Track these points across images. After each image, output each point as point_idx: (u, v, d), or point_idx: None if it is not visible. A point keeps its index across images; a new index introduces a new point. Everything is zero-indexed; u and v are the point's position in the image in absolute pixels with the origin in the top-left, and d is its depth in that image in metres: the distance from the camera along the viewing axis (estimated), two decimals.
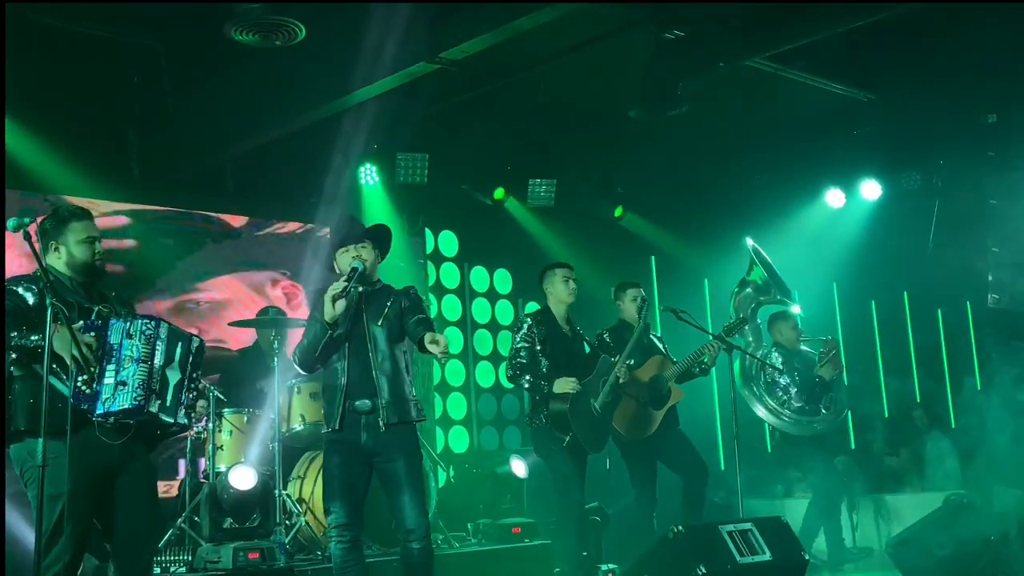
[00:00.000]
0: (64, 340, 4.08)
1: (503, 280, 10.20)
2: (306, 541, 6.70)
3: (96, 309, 4.34)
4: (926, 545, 6.23)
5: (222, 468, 6.60)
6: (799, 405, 7.41)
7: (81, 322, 4.23)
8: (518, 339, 6.27)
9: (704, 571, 5.02)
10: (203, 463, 6.77)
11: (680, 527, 5.26)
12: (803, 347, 7.67)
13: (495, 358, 9.92)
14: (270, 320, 7.01)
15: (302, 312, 8.65)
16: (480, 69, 7.24)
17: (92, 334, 4.20)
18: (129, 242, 8.01)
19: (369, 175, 8.89)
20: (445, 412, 9.53)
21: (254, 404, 6.96)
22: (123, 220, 7.98)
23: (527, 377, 6.13)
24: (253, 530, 6.65)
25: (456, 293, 9.88)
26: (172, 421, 4.34)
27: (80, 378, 4.13)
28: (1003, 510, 7.34)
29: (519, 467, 8.06)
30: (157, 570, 5.82)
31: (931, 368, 10.88)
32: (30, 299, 4.25)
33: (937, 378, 10.71)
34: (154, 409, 4.23)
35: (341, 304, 4.80)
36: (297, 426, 6.91)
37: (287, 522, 6.51)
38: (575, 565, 6.14)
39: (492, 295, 10.15)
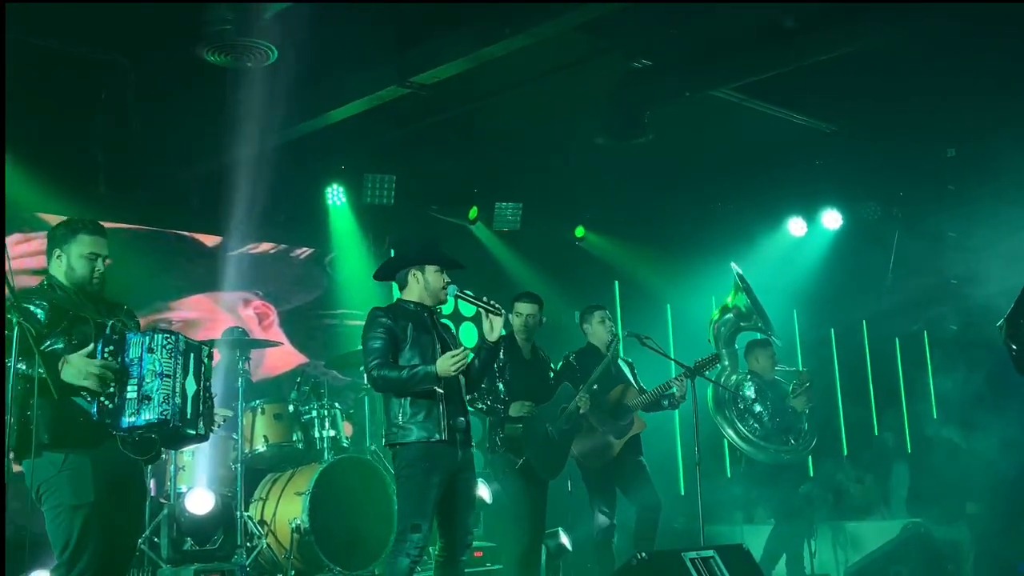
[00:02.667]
0: (77, 369, 4.03)
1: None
2: (267, 564, 6.67)
3: (110, 324, 4.24)
4: (883, 574, 6.31)
5: (183, 489, 6.56)
6: (769, 434, 7.48)
7: (92, 345, 4.14)
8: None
9: None
10: (165, 483, 6.72)
11: (644, 554, 5.27)
12: (777, 377, 7.75)
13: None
14: (235, 340, 6.99)
15: (274, 332, 8.63)
16: (450, 93, 7.29)
17: (111, 348, 4.13)
18: None
19: (336, 195, 8.89)
20: None
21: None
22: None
23: (486, 400, 6.18)
24: (214, 552, 6.60)
25: None
26: (194, 433, 4.31)
27: (103, 395, 4.09)
28: (959, 539, 7.46)
29: (482, 492, 8.06)
30: None
31: (889, 396, 11.04)
32: (40, 315, 4.18)
33: (895, 406, 10.86)
34: (178, 423, 4.18)
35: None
36: (260, 447, 6.89)
37: (248, 544, 6.48)
38: None
39: (456, 317, 10.17)
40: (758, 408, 7.50)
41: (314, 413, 7.05)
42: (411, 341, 5.04)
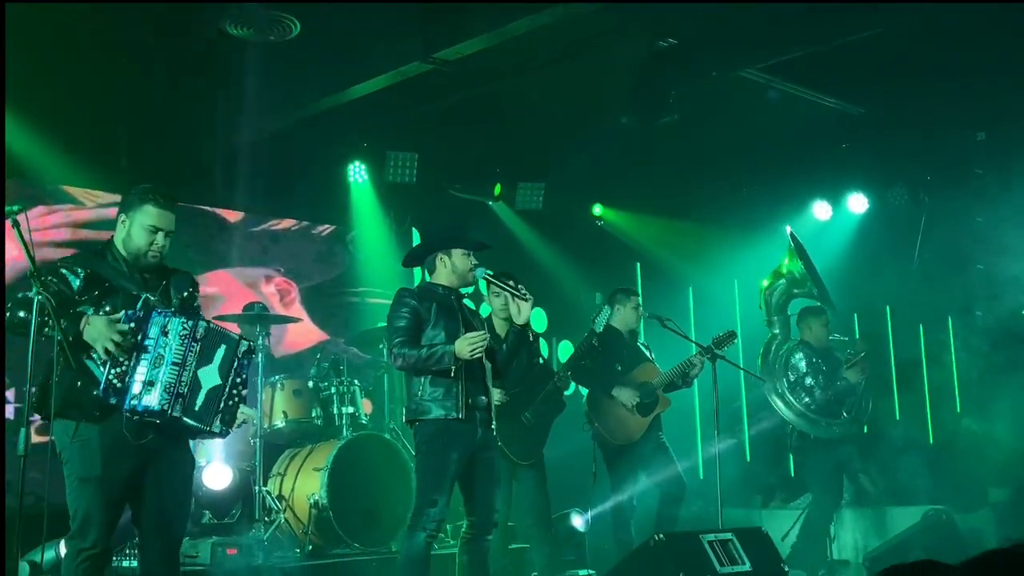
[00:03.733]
0: (97, 331, 3.99)
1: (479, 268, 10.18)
2: (285, 538, 6.68)
3: (144, 297, 4.18)
4: (902, 560, 6.25)
5: (202, 463, 6.57)
6: (821, 406, 7.25)
7: (122, 312, 4.09)
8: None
9: None
10: None
11: (661, 535, 5.26)
12: (832, 347, 7.49)
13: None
14: (255, 316, 6.98)
15: (295, 309, 8.63)
16: (474, 70, 7.24)
17: (132, 325, 4.05)
18: None
19: (358, 173, 8.87)
20: None
21: None
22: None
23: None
24: (232, 526, 6.63)
25: None
26: (201, 427, 4.18)
27: (113, 370, 4.02)
28: (981, 526, 7.39)
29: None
30: (134, 563, 5.79)
31: (911, 383, 10.93)
32: (75, 283, 4.14)
33: (917, 393, 10.75)
34: (177, 413, 4.07)
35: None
36: (279, 423, 6.89)
37: (266, 519, 6.50)
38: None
39: (476, 297, 10.14)
40: (809, 380, 7.26)
41: (333, 390, 7.04)
42: (434, 322, 5.07)
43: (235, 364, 4.26)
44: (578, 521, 7.68)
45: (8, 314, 4.09)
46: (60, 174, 7.41)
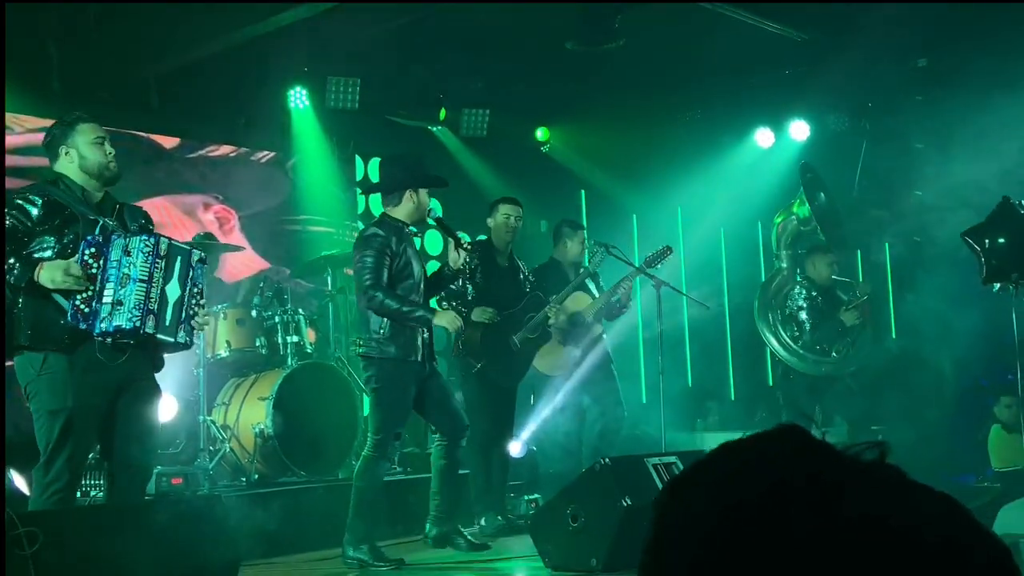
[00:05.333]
0: (50, 276, 3.95)
1: (433, 209, 10.11)
2: (230, 468, 6.67)
3: (101, 223, 4.16)
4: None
5: None
6: (811, 343, 7.26)
7: (82, 241, 4.08)
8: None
9: (629, 503, 5.10)
10: None
11: (607, 459, 5.33)
12: (836, 287, 7.48)
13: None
14: (199, 244, 6.85)
15: (235, 237, 8.50)
16: None
17: (92, 251, 4.04)
18: None
19: (299, 98, 8.69)
20: None
21: None
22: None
23: (452, 303, 6.19)
24: (176, 456, 6.59)
25: None
26: (172, 340, 4.23)
27: (79, 296, 4.00)
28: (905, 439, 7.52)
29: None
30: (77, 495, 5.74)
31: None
32: (34, 212, 4.08)
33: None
34: (150, 329, 4.09)
35: None
36: (222, 352, 6.83)
37: (211, 448, 6.47)
38: (479, 492, 6.30)
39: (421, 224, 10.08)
40: (803, 316, 7.25)
41: (277, 319, 6.99)
42: (403, 259, 5.32)
43: (191, 274, 4.31)
44: (515, 447, 7.78)
45: None
46: None
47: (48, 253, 4.05)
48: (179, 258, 4.26)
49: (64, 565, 3.53)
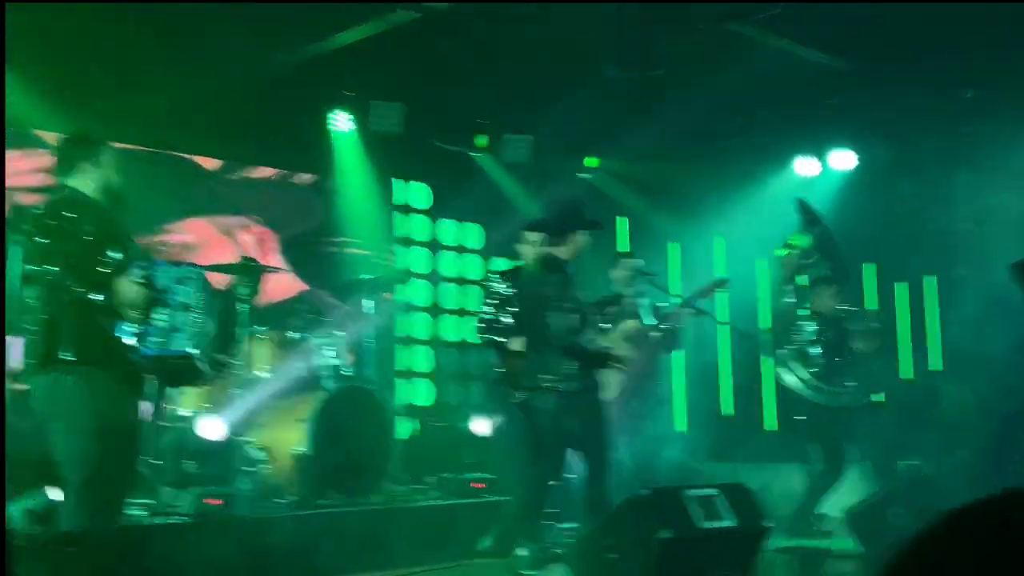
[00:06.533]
0: (125, 288, 4.06)
1: (472, 234, 10.14)
2: (267, 490, 6.66)
3: (137, 247, 4.33)
4: (881, 515, 6.32)
5: (185, 412, 6.54)
6: (825, 374, 7.21)
7: (134, 265, 4.16)
8: (487, 296, 6.27)
9: (666, 535, 5.04)
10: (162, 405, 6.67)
11: (646, 490, 5.27)
12: (842, 317, 7.42)
13: (461, 313, 9.88)
14: (244, 267, 6.89)
15: (273, 259, 8.55)
16: (461, 17, 7.12)
17: (144, 273, 4.13)
18: None
19: (341, 122, 8.75)
20: (409, 365, 9.51)
21: None
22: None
23: (492, 334, 6.15)
24: (214, 476, 6.59)
25: (425, 245, 9.82)
26: (205, 369, 4.34)
27: (133, 316, 4.09)
28: (955, 483, 7.44)
29: (480, 425, 8.04)
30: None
31: (890, 342, 10.96)
32: (91, 231, 4.16)
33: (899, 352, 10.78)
34: (198, 355, 4.22)
35: None
36: (262, 373, 6.84)
37: (249, 470, 6.47)
38: (522, 521, 6.22)
39: (460, 249, 10.09)
40: (815, 349, 7.21)
41: (316, 341, 6.99)
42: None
43: (231, 314, 4.62)
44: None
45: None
46: (34, 118, 7.25)
47: None
48: (221, 297, 4.54)
49: None
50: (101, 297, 4.04)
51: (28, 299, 4.09)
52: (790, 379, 7.33)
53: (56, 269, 3.99)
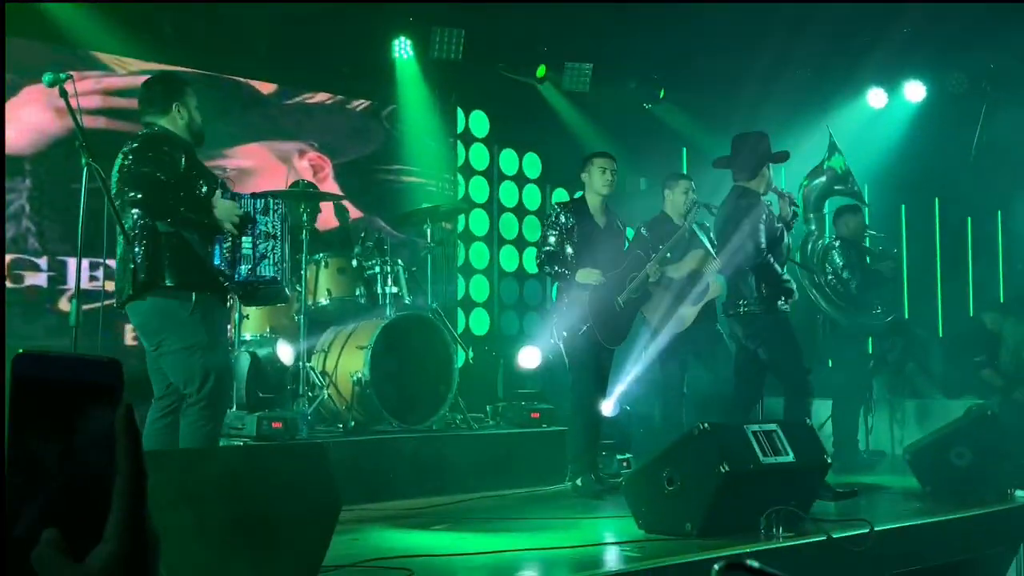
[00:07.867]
0: (224, 211, 4.33)
1: (532, 164, 10.05)
2: (327, 414, 6.74)
3: (221, 180, 4.55)
4: (944, 454, 6.22)
5: (247, 336, 6.61)
6: (854, 297, 7.59)
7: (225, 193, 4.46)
8: (548, 227, 6.23)
9: (727, 469, 5.02)
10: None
11: (706, 424, 5.23)
12: (866, 242, 7.90)
13: (520, 242, 9.85)
14: (301, 192, 6.91)
15: (329, 185, 8.55)
16: None
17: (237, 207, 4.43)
18: None
19: (403, 49, 8.67)
20: (468, 294, 9.51)
21: None
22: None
23: (554, 266, 6.12)
24: (275, 400, 6.69)
25: (484, 175, 9.76)
26: (285, 292, 4.74)
27: (224, 244, 4.35)
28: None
29: (532, 356, 8.01)
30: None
31: (955, 273, 10.76)
32: (182, 162, 4.40)
33: (962, 284, 10.59)
34: (281, 279, 4.54)
35: None
36: (323, 300, 6.88)
37: (310, 394, 6.55)
38: (579, 451, 6.24)
39: (520, 179, 10.02)
40: (846, 274, 7.58)
41: (377, 269, 7.00)
42: None
43: (298, 243, 4.81)
44: (607, 407, 7.72)
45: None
46: (93, 39, 7.27)
47: None
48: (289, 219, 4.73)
49: (171, 501, 3.58)
50: (198, 226, 4.26)
51: (124, 225, 4.20)
52: (823, 303, 7.70)
53: (151, 200, 4.19)
